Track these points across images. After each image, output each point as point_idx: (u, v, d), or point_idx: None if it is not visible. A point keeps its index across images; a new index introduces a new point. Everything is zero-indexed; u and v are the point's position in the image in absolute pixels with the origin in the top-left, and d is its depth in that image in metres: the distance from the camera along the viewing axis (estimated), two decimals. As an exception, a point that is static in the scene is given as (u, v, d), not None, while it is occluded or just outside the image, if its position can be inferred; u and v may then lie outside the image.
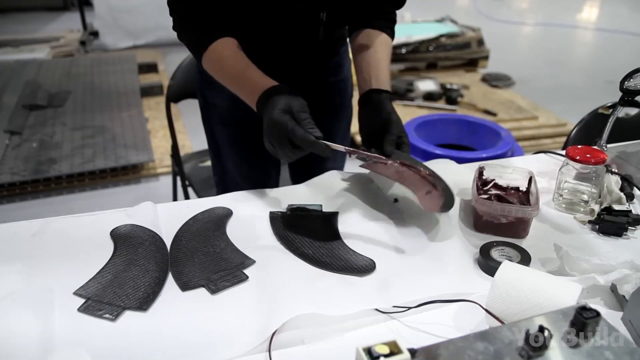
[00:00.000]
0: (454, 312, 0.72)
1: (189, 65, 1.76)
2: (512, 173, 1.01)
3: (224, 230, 0.91)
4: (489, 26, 5.69)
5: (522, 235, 0.90)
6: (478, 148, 2.66)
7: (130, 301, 0.73)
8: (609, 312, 0.73)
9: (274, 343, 0.66)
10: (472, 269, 0.82)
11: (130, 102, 3.60)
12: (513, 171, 1.01)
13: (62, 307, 0.72)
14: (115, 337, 0.67)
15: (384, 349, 0.49)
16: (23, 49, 4.84)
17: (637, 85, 1.05)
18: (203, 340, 0.67)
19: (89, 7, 5.29)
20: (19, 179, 2.62)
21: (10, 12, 6.72)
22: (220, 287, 0.76)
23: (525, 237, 0.90)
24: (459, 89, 3.63)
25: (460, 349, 0.52)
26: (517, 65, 4.65)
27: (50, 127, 3.21)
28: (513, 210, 0.88)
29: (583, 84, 4.53)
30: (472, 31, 4.49)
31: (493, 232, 0.90)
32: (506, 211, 0.88)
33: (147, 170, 2.85)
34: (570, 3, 8.20)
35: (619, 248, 0.87)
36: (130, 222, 0.91)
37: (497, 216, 0.89)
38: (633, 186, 1.01)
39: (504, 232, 0.89)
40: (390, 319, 0.71)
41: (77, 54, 4.89)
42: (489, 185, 1.01)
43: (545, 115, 3.42)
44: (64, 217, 0.94)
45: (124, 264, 0.81)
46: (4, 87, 3.78)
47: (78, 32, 5.48)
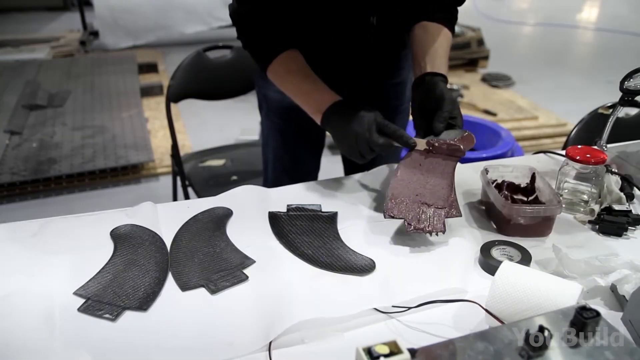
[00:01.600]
0: (454, 312, 0.72)
1: (189, 65, 1.76)
2: (512, 172, 1.01)
3: (224, 230, 0.91)
4: (489, 26, 5.69)
5: (547, 233, 0.91)
6: (478, 148, 2.66)
7: (131, 301, 0.73)
8: (609, 312, 0.73)
9: (274, 343, 0.66)
10: (472, 268, 0.82)
11: (130, 102, 3.60)
12: (514, 169, 1.01)
13: (62, 307, 0.72)
14: (116, 337, 0.67)
15: (384, 349, 0.49)
16: (23, 49, 4.84)
17: (637, 85, 1.05)
18: (203, 340, 0.67)
19: (89, 7, 5.29)
20: (19, 179, 2.62)
21: (10, 12, 6.73)
22: (220, 287, 0.76)
23: (549, 235, 0.90)
24: (459, 89, 3.63)
25: (460, 349, 0.52)
26: (517, 65, 4.65)
27: (50, 127, 3.21)
28: (542, 210, 0.89)
29: (583, 84, 4.53)
30: (472, 31, 4.49)
31: (520, 234, 0.89)
32: (535, 212, 0.89)
33: (147, 170, 2.85)
34: (570, 3, 8.20)
35: (619, 248, 0.87)
36: (130, 222, 0.91)
37: (525, 217, 0.89)
38: (633, 186, 1.01)
39: (532, 232, 0.90)
40: (390, 318, 0.71)
41: (77, 54, 4.90)
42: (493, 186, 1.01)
43: (545, 115, 3.42)
44: (64, 217, 0.94)
45: (124, 264, 0.81)
46: (4, 87, 3.78)
47: (78, 32, 5.48)
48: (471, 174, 1.09)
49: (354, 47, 1.12)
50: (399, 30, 1.15)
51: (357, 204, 0.99)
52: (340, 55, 1.13)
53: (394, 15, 1.09)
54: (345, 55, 1.14)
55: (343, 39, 1.10)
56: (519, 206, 0.91)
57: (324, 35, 1.09)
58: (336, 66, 1.13)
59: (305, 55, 1.04)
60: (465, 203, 1.01)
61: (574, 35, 6.52)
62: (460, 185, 1.05)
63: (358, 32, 1.08)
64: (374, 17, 1.06)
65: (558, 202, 0.89)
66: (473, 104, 3.51)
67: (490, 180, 1.00)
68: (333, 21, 1.06)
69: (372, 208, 0.98)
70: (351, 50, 1.12)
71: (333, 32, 1.08)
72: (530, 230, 0.90)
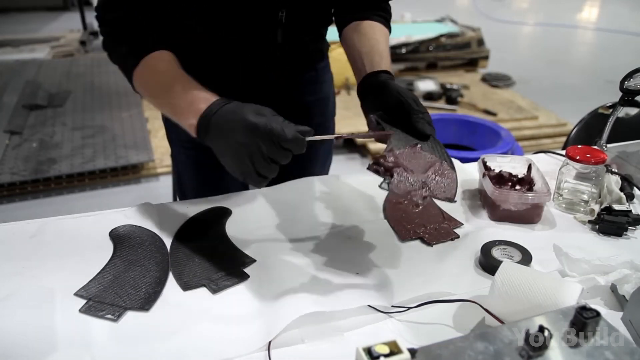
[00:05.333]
0: (454, 312, 0.72)
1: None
2: (510, 162, 1.05)
3: (224, 230, 0.91)
4: (489, 26, 5.69)
5: (536, 220, 0.94)
6: (478, 148, 2.66)
7: (132, 301, 0.73)
8: (609, 312, 0.73)
9: (273, 342, 0.66)
10: (472, 268, 0.82)
11: (130, 102, 3.60)
12: (511, 160, 1.05)
13: (63, 308, 0.72)
14: (117, 338, 0.67)
15: (384, 349, 0.49)
16: (23, 49, 4.84)
17: (637, 85, 1.05)
18: (205, 339, 0.67)
19: (89, 7, 5.29)
20: (19, 179, 2.62)
21: (10, 12, 6.73)
22: (222, 287, 0.77)
23: (538, 222, 0.94)
24: (459, 89, 3.63)
25: (460, 349, 0.52)
26: (517, 65, 4.65)
27: (50, 127, 3.21)
28: (530, 197, 0.92)
29: (583, 84, 4.53)
30: (472, 31, 4.49)
31: (510, 221, 0.94)
32: (523, 199, 0.92)
33: (147, 170, 2.85)
34: (570, 3, 8.20)
35: (619, 248, 0.87)
36: (130, 223, 0.91)
37: (515, 204, 0.93)
38: (633, 186, 1.01)
39: (520, 219, 0.94)
40: (390, 318, 0.71)
41: (77, 54, 4.90)
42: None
43: (545, 115, 3.42)
44: (64, 218, 0.94)
45: (124, 264, 0.81)
46: (4, 87, 3.78)
47: (78, 32, 5.48)
48: (472, 174, 1.09)
49: (262, 52, 0.96)
50: (313, 30, 1.02)
51: (357, 204, 0.99)
52: (248, 60, 0.97)
53: (306, 9, 0.94)
54: (250, 63, 0.98)
55: (247, 39, 0.93)
56: (507, 192, 0.94)
57: (225, 36, 0.93)
58: (241, 78, 0.98)
59: (201, 67, 0.87)
60: (466, 203, 1.01)
61: (574, 35, 6.52)
62: (461, 184, 1.06)
63: (264, 31, 0.93)
64: (283, 12, 0.91)
65: (547, 191, 0.92)
66: (473, 104, 3.51)
67: (490, 168, 1.03)
68: (234, 17, 0.89)
69: (371, 207, 0.98)
70: (257, 55, 0.96)
71: (235, 29, 0.92)
72: (520, 216, 0.93)
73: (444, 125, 2.79)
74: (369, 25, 0.98)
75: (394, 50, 4.10)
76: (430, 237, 0.89)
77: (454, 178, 0.80)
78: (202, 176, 1.11)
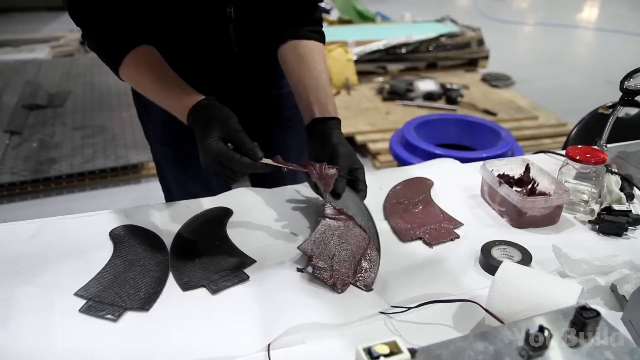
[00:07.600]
0: (454, 312, 0.72)
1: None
2: (506, 164, 1.04)
3: (224, 230, 0.91)
4: (489, 26, 5.69)
5: (557, 220, 0.94)
6: (478, 148, 2.66)
7: (132, 301, 0.73)
8: (609, 312, 0.73)
9: (273, 342, 0.66)
10: (472, 268, 0.82)
11: (131, 102, 3.56)
12: (507, 162, 1.04)
13: (62, 308, 0.72)
14: (117, 338, 0.68)
15: (384, 349, 0.49)
16: (23, 49, 4.84)
17: (637, 85, 1.05)
18: (204, 340, 0.67)
19: (89, 7, 5.28)
20: (19, 179, 2.62)
21: (10, 12, 6.73)
22: (221, 287, 0.77)
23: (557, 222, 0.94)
24: (459, 89, 3.63)
25: (460, 349, 0.52)
26: (517, 65, 4.65)
27: (50, 127, 3.21)
28: (554, 200, 0.92)
29: (583, 84, 4.53)
30: (472, 31, 4.49)
31: (534, 225, 0.93)
32: (548, 203, 0.92)
33: (147, 170, 2.85)
34: (570, 3, 8.20)
35: (619, 248, 0.87)
36: (129, 223, 0.91)
37: (540, 209, 0.92)
38: (633, 186, 1.01)
39: (543, 223, 0.93)
40: (390, 318, 0.71)
41: (77, 54, 4.90)
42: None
43: (545, 115, 3.42)
44: (64, 218, 0.94)
45: (124, 264, 0.81)
46: (4, 87, 3.78)
47: (78, 32, 5.45)
48: (472, 174, 1.09)
49: (218, 48, 1.01)
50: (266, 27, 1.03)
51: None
52: (206, 56, 1.02)
53: (252, 6, 0.98)
54: (209, 57, 1.02)
55: (202, 34, 0.98)
56: (534, 198, 0.93)
57: (182, 34, 0.98)
58: (207, 73, 1.03)
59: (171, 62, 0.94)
60: (466, 202, 1.01)
61: (574, 35, 6.52)
62: (461, 184, 1.06)
63: (216, 27, 0.97)
64: (230, 9, 0.95)
65: (565, 191, 0.92)
66: (473, 104, 3.51)
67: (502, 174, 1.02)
68: (185, 13, 0.95)
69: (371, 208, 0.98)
70: (213, 49, 1.01)
71: (188, 25, 0.97)
72: (543, 220, 0.93)
73: (443, 126, 2.79)
74: (307, 49, 1.01)
75: (394, 50, 4.10)
76: (431, 237, 0.89)
77: (377, 263, 0.81)
78: (185, 171, 1.14)
